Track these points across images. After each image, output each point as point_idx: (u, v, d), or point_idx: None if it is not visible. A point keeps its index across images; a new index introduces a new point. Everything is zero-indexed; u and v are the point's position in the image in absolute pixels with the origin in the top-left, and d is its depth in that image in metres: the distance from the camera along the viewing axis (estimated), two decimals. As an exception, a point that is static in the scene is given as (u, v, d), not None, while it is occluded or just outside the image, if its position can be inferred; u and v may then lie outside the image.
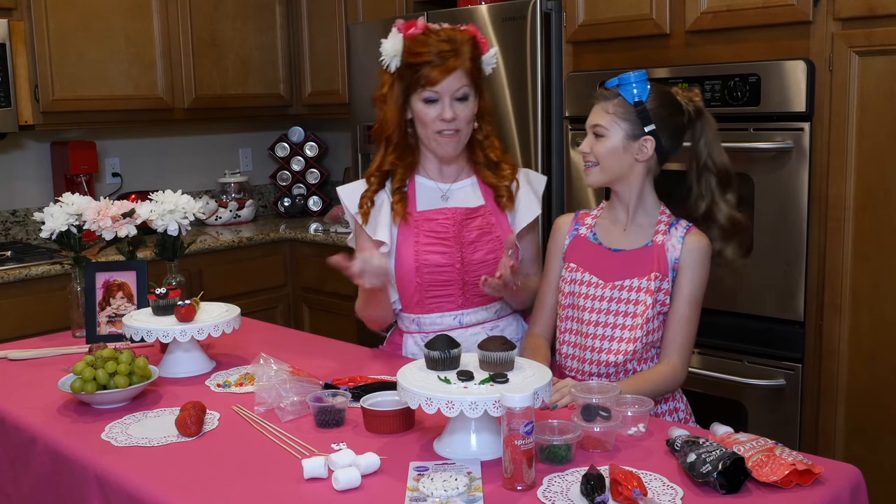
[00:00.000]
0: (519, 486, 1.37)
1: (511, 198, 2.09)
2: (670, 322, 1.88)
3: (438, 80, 1.96)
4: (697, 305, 1.89)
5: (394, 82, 2.03)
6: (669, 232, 1.89)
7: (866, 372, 2.44)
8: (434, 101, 1.98)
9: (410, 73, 1.99)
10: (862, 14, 2.34)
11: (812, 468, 1.38)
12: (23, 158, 3.83)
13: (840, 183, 2.43)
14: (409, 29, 2.01)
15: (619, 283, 1.89)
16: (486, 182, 2.10)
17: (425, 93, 1.98)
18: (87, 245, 2.39)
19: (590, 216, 2.02)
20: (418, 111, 2.01)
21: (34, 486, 1.71)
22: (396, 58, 2.00)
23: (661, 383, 1.85)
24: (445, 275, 2.04)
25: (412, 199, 2.08)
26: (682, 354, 1.88)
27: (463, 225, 2.05)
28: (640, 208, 1.92)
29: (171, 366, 2.04)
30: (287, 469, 1.48)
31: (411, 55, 1.98)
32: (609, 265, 1.92)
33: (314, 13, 4.24)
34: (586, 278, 1.93)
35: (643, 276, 1.87)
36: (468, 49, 1.99)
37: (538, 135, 3.08)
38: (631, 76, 1.86)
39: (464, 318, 2.07)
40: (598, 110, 1.90)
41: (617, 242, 1.94)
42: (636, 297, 1.87)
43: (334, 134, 4.70)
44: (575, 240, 2.00)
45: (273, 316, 3.95)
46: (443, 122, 1.99)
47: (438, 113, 1.98)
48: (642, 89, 1.86)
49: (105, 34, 3.67)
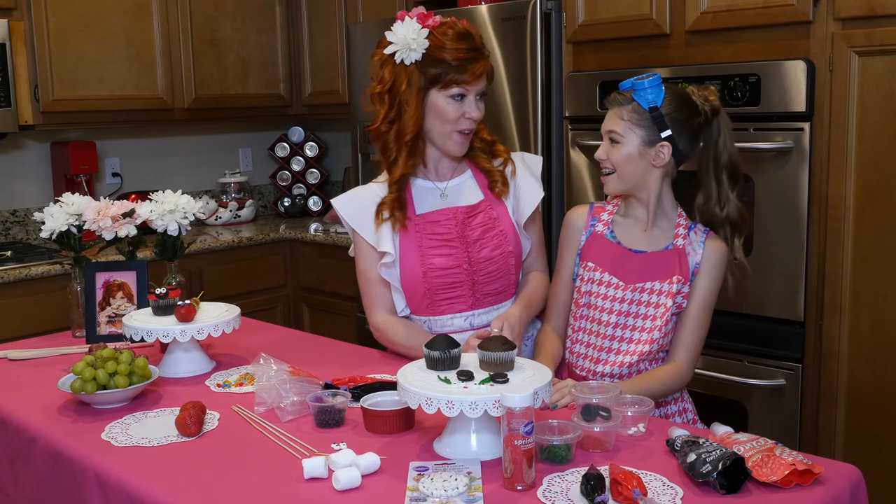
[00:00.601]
0: (519, 486, 1.37)
1: (506, 182, 2.04)
2: (681, 323, 1.88)
3: (472, 80, 1.91)
4: (709, 310, 1.89)
5: (411, 76, 1.92)
6: (689, 236, 1.89)
7: (866, 372, 2.45)
8: (462, 98, 1.93)
9: (439, 69, 1.90)
10: (862, 14, 2.34)
11: (812, 468, 1.38)
12: (23, 158, 3.83)
13: (840, 183, 2.43)
14: (428, 20, 1.93)
15: (641, 285, 1.87)
16: (481, 168, 2.05)
17: (455, 89, 1.91)
18: (87, 245, 2.39)
19: (605, 211, 1.98)
20: (440, 107, 1.93)
21: (34, 485, 1.71)
22: (417, 51, 1.90)
23: (666, 382, 1.85)
24: (454, 276, 2.00)
25: (410, 202, 2.03)
26: (689, 357, 1.88)
27: (465, 224, 2.02)
28: (660, 211, 1.90)
29: (171, 366, 2.04)
30: (287, 469, 1.48)
31: (441, 49, 1.90)
32: (630, 267, 1.89)
33: (314, 13, 4.24)
34: (605, 279, 1.90)
35: (665, 279, 1.86)
36: (484, 49, 1.97)
37: (538, 135, 3.08)
38: (645, 82, 1.83)
39: (474, 319, 2.04)
40: (613, 116, 1.86)
41: (638, 243, 1.91)
42: (656, 300, 1.86)
43: (334, 134, 4.70)
44: (592, 237, 1.96)
45: (273, 316, 3.95)
46: (467, 121, 1.95)
47: (465, 111, 1.93)
48: (657, 94, 1.83)
49: (105, 34, 3.67)
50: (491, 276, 2.02)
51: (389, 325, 2.06)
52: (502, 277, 2.04)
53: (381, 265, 2.02)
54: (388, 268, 2.02)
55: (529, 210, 2.05)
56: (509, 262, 2.03)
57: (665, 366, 1.88)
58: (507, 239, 2.03)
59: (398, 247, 2.01)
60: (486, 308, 2.05)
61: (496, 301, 2.06)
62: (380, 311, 2.08)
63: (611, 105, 1.88)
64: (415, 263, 2.00)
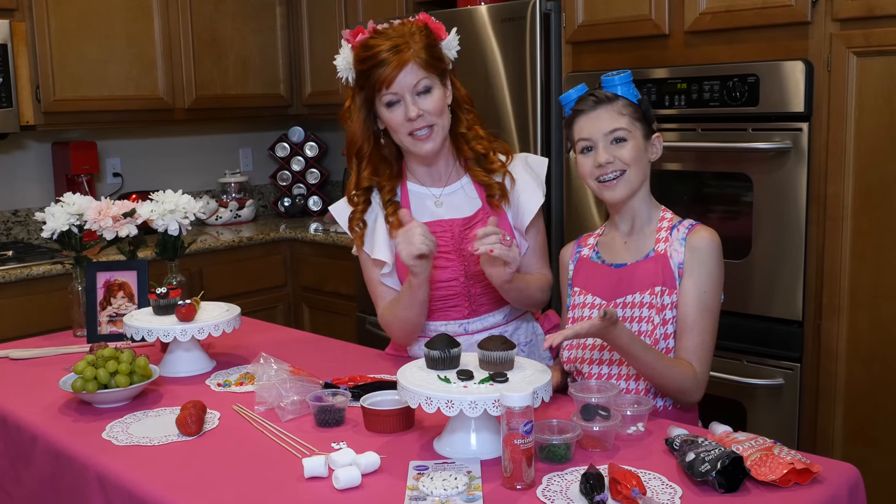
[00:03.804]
0: (518, 486, 1.37)
1: (504, 194, 1.99)
2: (680, 332, 1.74)
3: (392, 78, 1.85)
4: (709, 310, 1.74)
5: (354, 95, 1.95)
6: (671, 237, 1.78)
7: (864, 371, 2.45)
8: (396, 104, 1.88)
9: (365, 80, 1.90)
10: (860, 15, 2.34)
11: (810, 467, 1.38)
12: (24, 158, 3.84)
13: (838, 183, 2.43)
14: (357, 36, 1.93)
15: (622, 300, 1.78)
16: (478, 181, 2.01)
17: (385, 96, 1.88)
18: (88, 245, 2.39)
19: (592, 236, 1.93)
20: (385, 118, 1.91)
21: (35, 484, 1.72)
22: (350, 70, 1.94)
23: (682, 374, 1.70)
24: (450, 289, 1.98)
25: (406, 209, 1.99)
26: (699, 365, 1.73)
27: (462, 236, 1.97)
28: (642, 214, 1.83)
29: (172, 365, 2.05)
30: (287, 468, 1.49)
31: (360, 62, 1.90)
32: (609, 283, 1.82)
33: (314, 13, 4.25)
34: (588, 300, 1.83)
35: (644, 290, 1.76)
36: (420, 39, 1.88)
37: (538, 135, 3.09)
38: (626, 76, 1.79)
39: (469, 325, 2.02)
40: (610, 114, 1.76)
41: (618, 257, 1.84)
42: (639, 314, 1.75)
43: (334, 134, 4.70)
44: (579, 263, 1.91)
45: (273, 316, 3.96)
46: (410, 123, 1.88)
47: (403, 114, 1.88)
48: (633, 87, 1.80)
49: (106, 35, 3.68)
50: (488, 287, 1.98)
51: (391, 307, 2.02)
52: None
53: (381, 274, 2.01)
54: (387, 277, 2.01)
55: (530, 217, 2.00)
56: None
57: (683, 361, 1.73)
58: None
59: (395, 254, 1.98)
60: (482, 315, 2.02)
61: (491, 309, 2.03)
62: (383, 302, 2.05)
63: (595, 107, 1.78)
64: None
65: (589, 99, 1.80)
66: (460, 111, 1.99)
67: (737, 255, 2.57)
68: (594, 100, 1.79)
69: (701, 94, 2.63)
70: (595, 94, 1.80)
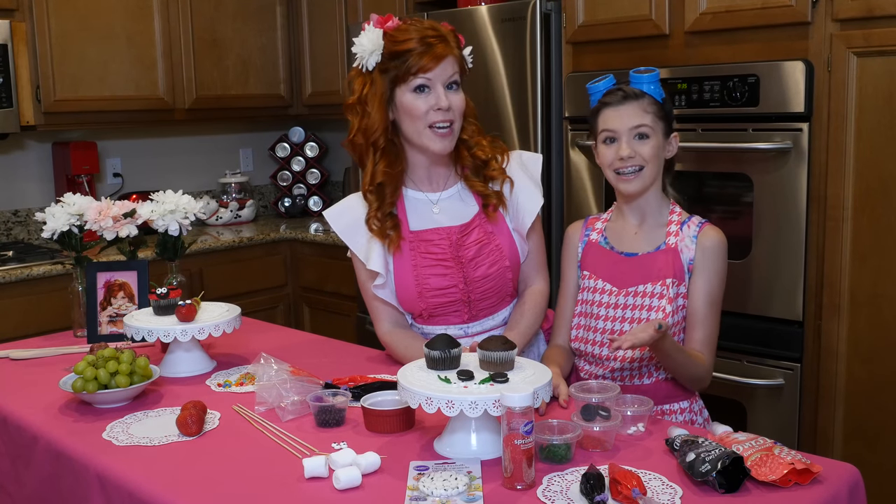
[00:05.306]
0: (519, 486, 1.37)
1: (501, 201, 1.98)
2: (690, 324, 1.84)
3: (431, 65, 1.83)
4: (716, 305, 1.85)
5: (374, 80, 1.89)
6: (682, 231, 1.85)
7: (865, 371, 2.45)
8: (425, 91, 1.86)
9: (397, 64, 1.85)
10: (860, 15, 2.35)
11: (810, 467, 1.38)
12: (24, 159, 3.84)
13: (838, 183, 2.43)
14: (387, 23, 1.90)
15: (633, 289, 1.85)
16: (475, 191, 1.99)
17: (416, 80, 1.84)
18: (88, 245, 2.39)
19: (600, 220, 1.98)
20: (407, 104, 1.87)
21: (36, 484, 1.72)
22: (376, 53, 1.87)
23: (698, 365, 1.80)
24: (450, 296, 1.97)
25: (404, 219, 1.98)
26: (710, 356, 1.84)
27: (459, 244, 1.96)
28: (653, 208, 1.89)
29: (172, 365, 2.05)
30: (288, 468, 1.49)
31: (395, 43, 1.85)
32: (622, 271, 1.88)
33: (314, 13, 4.25)
34: (599, 285, 1.89)
35: (656, 280, 1.83)
36: (453, 39, 1.89)
37: (538, 135, 3.09)
38: (654, 75, 1.84)
39: (469, 329, 2.01)
40: (636, 111, 1.82)
41: (629, 246, 1.90)
42: (649, 303, 1.83)
43: (335, 134, 4.70)
44: (587, 246, 1.95)
45: (273, 316, 3.96)
46: (438, 112, 1.85)
47: (432, 103, 1.85)
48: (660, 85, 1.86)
49: (106, 35, 3.68)
50: (488, 292, 1.98)
51: (394, 337, 2.01)
52: (499, 292, 2.00)
53: (373, 286, 1.99)
54: (380, 289, 1.99)
55: (529, 220, 1.99)
56: (506, 277, 1.99)
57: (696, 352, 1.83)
58: (504, 254, 1.97)
59: (392, 265, 1.97)
60: (482, 319, 2.02)
61: (492, 312, 2.03)
62: (384, 323, 2.04)
63: (623, 101, 1.83)
64: (410, 283, 1.96)
65: (617, 93, 1.86)
66: (465, 121, 1.97)
67: (737, 256, 2.57)
68: (622, 94, 1.85)
69: (701, 94, 2.64)
70: (623, 89, 1.86)
